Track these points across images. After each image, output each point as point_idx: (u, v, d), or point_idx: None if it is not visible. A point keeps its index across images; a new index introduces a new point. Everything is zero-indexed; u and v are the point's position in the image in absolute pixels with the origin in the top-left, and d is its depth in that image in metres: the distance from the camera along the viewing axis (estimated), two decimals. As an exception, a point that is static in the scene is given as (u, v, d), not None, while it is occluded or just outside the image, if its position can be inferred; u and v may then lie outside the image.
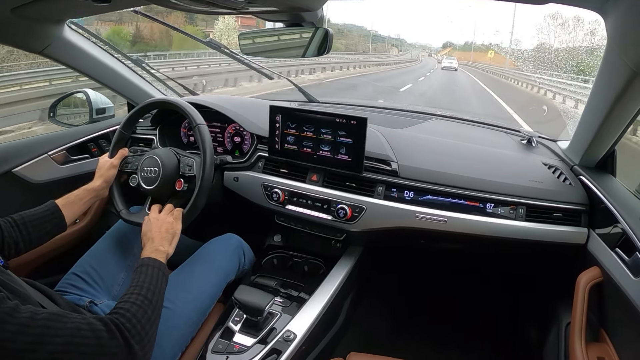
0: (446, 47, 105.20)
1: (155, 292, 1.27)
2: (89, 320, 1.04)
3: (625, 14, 1.11)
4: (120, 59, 2.23)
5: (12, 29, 1.67)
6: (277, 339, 1.49)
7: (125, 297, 1.22)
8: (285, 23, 1.52)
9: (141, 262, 1.38)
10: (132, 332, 1.10)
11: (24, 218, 1.43)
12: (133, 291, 1.24)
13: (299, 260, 2.01)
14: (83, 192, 1.64)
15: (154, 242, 1.48)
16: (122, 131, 1.85)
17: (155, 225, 1.56)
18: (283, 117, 1.90)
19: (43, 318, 0.96)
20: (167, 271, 1.41)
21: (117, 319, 1.10)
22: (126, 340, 1.07)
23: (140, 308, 1.18)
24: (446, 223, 1.74)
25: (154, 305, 1.23)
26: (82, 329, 1.01)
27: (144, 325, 1.15)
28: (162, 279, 1.35)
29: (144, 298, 1.22)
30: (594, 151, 1.72)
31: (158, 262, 1.39)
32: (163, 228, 1.55)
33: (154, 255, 1.42)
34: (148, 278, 1.30)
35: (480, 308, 2.54)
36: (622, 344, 1.35)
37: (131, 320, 1.12)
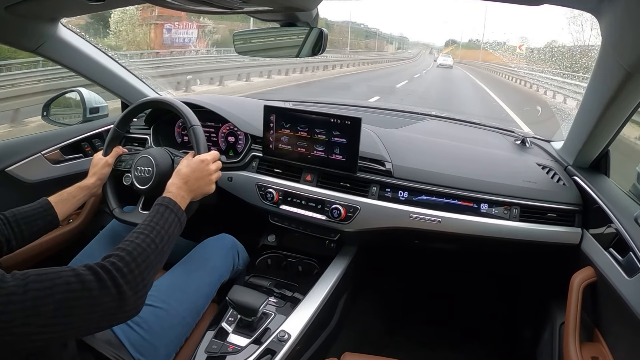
0: (449, 45, 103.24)
1: (164, 237, 1.23)
2: (77, 271, 1.00)
3: (619, 15, 1.12)
4: (114, 58, 2.23)
5: (6, 27, 1.66)
6: (272, 339, 1.49)
7: (133, 235, 1.18)
8: (280, 23, 1.51)
9: (162, 201, 1.34)
10: (128, 276, 1.06)
11: (15, 215, 1.40)
12: (143, 230, 1.20)
13: (293, 260, 2.01)
14: (76, 189, 1.62)
15: (184, 185, 1.46)
16: (117, 129, 1.84)
17: (197, 170, 1.52)
18: (277, 116, 1.90)
19: (31, 281, 0.92)
20: (185, 220, 1.38)
21: (110, 262, 1.06)
22: (118, 287, 1.03)
23: (144, 250, 1.14)
24: (440, 223, 1.74)
25: (159, 251, 1.19)
26: (71, 282, 0.97)
27: (142, 271, 1.11)
28: (176, 227, 1.31)
29: (152, 241, 1.18)
30: (587, 152, 1.73)
31: (178, 208, 1.35)
32: (203, 181, 1.53)
33: (177, 199, 1.38)
34: (162, 221, 1.27)
35: (475, 308, 2.55)
36: (616, 343, 1.35)
37: (129, 263, 1.08)
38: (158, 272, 1.21)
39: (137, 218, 1.64)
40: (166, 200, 1.34)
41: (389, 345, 2.31)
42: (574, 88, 10.76)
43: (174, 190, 1.41)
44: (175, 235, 1.30)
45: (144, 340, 1.36)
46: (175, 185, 1.43)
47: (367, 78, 22.89)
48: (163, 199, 1.35)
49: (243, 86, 14.28)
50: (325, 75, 21.21)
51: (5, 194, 1.89)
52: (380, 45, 75.83)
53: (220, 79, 14.27)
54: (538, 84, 16.28)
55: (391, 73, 28.54)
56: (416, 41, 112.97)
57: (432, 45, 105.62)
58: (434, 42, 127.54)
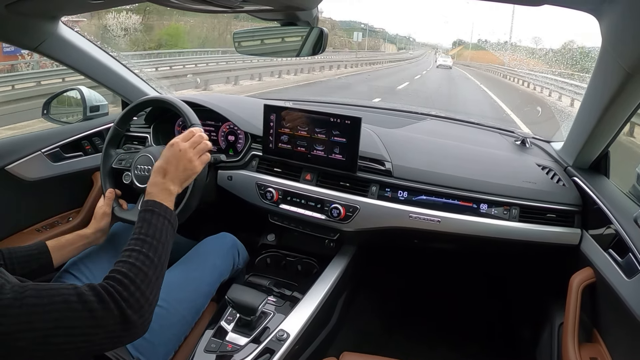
0: (456, 45, 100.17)
1: (158, 248, 1.17)
2: (79, 290, 0.98)
3: (619, 16, 1.12)
4: (115, 56, 2.22)
5: (7, 25, 1.66)
6: (270, 338, 1.49)
7: (125, 254, 1.13)
8: (280, 22, 1.51)
9: (145, 206, 1.26)
10: (130, 300, 1.02)
11: (11, 253, 1.37)
12: (134, 247, 1.14)
13: (293, 259, 2.01)
14: (75, 237, 1.56)
15: (165, 177, 1.34)
16: (117, 127, 1.84)
17: (174, 156, 1.39)
18: (277, 116, 1.90)
19: (29, 296, 0.91)
20: (175, 220, 1.30)
21: (111, 286, 1.02)
22: (121, 310, 1.00)
23: (140, 271, 1.09)
24: (440, 223, 1.74)
25: (156, 265, 1.14)
26: (71, 301, 0.95)
27: (144, 291, 1.06)
28: (168, 230, 1.24)
29: (145, 257, 1.12)
30: (587, 152, 1.73)
31: (164, 208, 1.26)
32: (181, 164, 1.39)
33: (161, 198, 1.28)
34: (152, 230, 1.20)
35: (474, 308, 2.55)
36: (614, 344, 1.35)
37: (128, 287, 1.04)
38: (161, 282, 1.18)
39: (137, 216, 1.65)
40: (150, 204, 1.27)
41: (388, 345, 2.31)
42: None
43: (154, 190, 1.31)
44: (169, 240, 1.24)
45: (143, 338, 1.35)
46: (154, 185, 1.33)
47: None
48: (146, 204, 1.27)
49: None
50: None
51: (5, 192, 1.89)
52: (376, 44, 71.91)
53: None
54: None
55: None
56: (423, 42, 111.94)
57: (438, 46, 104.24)
58: (441, 43, 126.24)
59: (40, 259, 1.44)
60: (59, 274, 1.56)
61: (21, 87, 10.68)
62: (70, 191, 2.15)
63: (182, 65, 16.40)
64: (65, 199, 2.14)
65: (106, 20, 17.61)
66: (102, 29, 17.04)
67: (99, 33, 15.66)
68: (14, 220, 1.96)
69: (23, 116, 7.91)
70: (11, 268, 1.35)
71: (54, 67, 11.14)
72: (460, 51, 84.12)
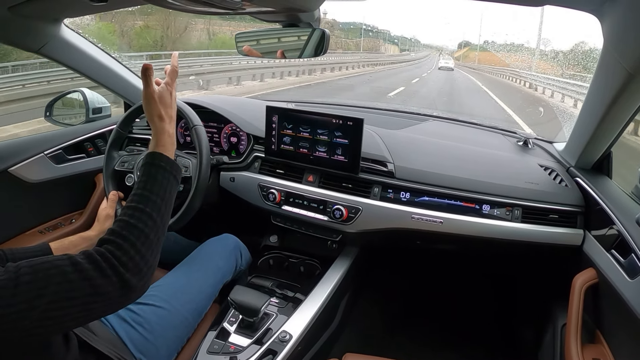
0: (462, 47, 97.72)
1: (162, 207, 1.13)
2: (74, 259, 0.94)
3: (621, 16, 1.12)
4: (117, 58, 2.23)
5: (9, 27, 1.66)
6: (273, 339, 1.49)
7: (128, 212, 1.08)
8: (282, 24, 1.51)
9: (151, 159, 1.20)
10: (129, 264, 0.98)
11: (14, 254, 1.33)
12: (137, 205, 1.10)
13: (295, 260, 2.01)
14: (78, 239, 1.54)
15: (170, 122, 1.31)
16: (119, 130, 1.84)
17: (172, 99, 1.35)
18: (279, 117, 1.90)
19: (24, 273, 0.87)
20: (180, 174, 1.25)
21: (109, 251, 0.98)
22: (120, 276, 0.96)
23: (141, 232, 1.05)
24: (442, 224, 1.74)
25: (158, 225, 1.10)
26: (67, 272, 0.91)
27: (144, 254, 1.02)
28: (173, 187, 1.20)
29: (148, 217, 1.08)
30: (590, 153, 1.73)
31: (170, 163, 1.21)
32: (168, 101, 1.34)
33: (166, 148, 1.24)
34: (156, 187, 1.15)
35: (477, 309, 2.55)
36: (617, 345, 1.35)
37: (128, 251, 1.00)
38: (162, 242, 1.12)
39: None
40: (156, 157, 1.20)
41: (390, 346, 2.31)
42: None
43: (162, 138, 1.26)
44: (172, 195, 1.20)
45: (146, 340, 1.36)
46: (161, 131, 1.27)
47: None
48: (153, 156, 1.21)
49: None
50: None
51: (8, 194, 1.90)
52: (375, 45, 69.34)
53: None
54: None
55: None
56: (428, 44, 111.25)
57: (444, 48, 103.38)
58: (447, 44, 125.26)
59: None
60: None
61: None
62: (73, 193, 2.15)
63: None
64: (68, 201, 2.15)
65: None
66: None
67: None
68: (17, 221, 1.96)
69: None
70: None
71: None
72: (466, 53, 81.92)
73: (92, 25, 19.73)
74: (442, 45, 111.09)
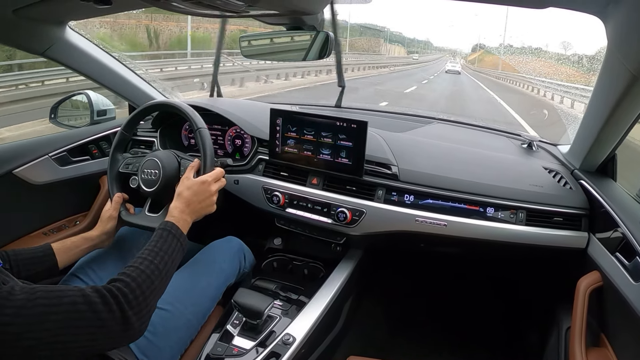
0: (476, 50, 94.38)
1: (168, 263, 1.26)
2: (84, 292, 1.03)
3: (625, 18, 1.12)
4: (122, 61, 2.24)
5: (14, 30, 1.67)
6: (276, 342, 1.49)
7: (138, 261, 1.20)
8: (286, 26, 1.52)
9: (164, 226, 1.36)
10: (133, 302, 1.09)
11: (16, 255, 1.39)
12: (147, 256, 1.22)
13: (299, 263, 2.01)
14: (80, 239, 1.59)
15: (187, 207, 1.46)
16: (124, 132, 1.84)
17: (199, 193, 1.51)
18: (283, 120, 1.90)
19: (40, 297, 0.96)
20: (187, 245, 1.39)
21: (117, 288, 1.08)
22: (123, 312, 1.06)
23: (148, 278, 1.16)
24: (446, 227, 1.73)
25: (162, 277, 1.22)
26: (77, 302, 1.00)
27: (147, 297, 1.13)
28: (178, 252, 1.33)
29: (155, 267, 1.20)
30: (594, 155, 1.72)
31: (180, 233, 1.37)
32: (204, 203, 1.52)
33: (180, 224, 1.39)
34: (166, 246, 1.28)
35: (481, 312, 2.54)
36: (622, 348, 1.34)
37: (134, 290, 1.10)
38: (162, 294, 1.24)
39: (144, 220, 1.65)
40: (169, 225, 1.36)
41: (394, 349, 2.31)
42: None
43: (176, 214, 1.42)
44: (177, 260, 1.33)
45: (149, 341, 1.36)
46: (177, 209, 1.44)
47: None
48: (166, 224, 1.36)
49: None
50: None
51: (12, 196, 1.90)
52: (372, 44, 62.58)
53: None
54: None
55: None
56: (440, 46, 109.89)
57: (457, 50, 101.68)
58: (460, 47, 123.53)
59: (45, 261, 1.46)
60: (66, 277, 1.57)
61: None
62: (77, 195, 2.16)
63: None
64: (73, 203, 2.15)
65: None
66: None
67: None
68: (21, 223, 1.97)
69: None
70: (16, 270, 1.37)
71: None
72: (480, 56, 77.13)
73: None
74: (455, 48, 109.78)
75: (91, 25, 12.82)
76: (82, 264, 1.62)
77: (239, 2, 1.11)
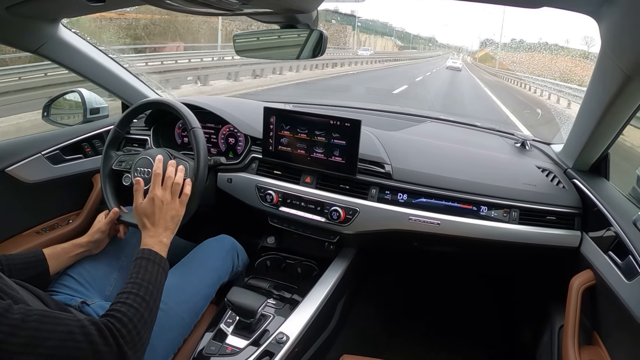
0: (484, 46, 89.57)
1: (153, 292, 1.24)
2: (82, 323, 1.03)
3: (619, 18, 1.12)
4: (115, 59, 2.23)
5: (7, 27, 1.66)
6: (270, 340, 1.49)
7: (123, 296, 1.18)
8: (280, 25, 1.51)
9: (141, 254, 1.33)
10: (127, 337, 1.08)
11: (8, 260, 1.39)
12: (131, 290, 1.20)
13: (292, 262, 2.01)
14: (71, 246, 1.58)
15: (157, 229, 1.43)
16: (117, 129, 1.83)
17: (160, 209, 1.46)
18: (277, 118, 1.90)
19: (35, 320, 0.95)
20: (168, 267, 1.37)
21: (111, 323, 1.07)
22: (119, 347, 1.06)
23: (137, 312, 1.15)
24: (439, 226, 1.74)
25: (150, 307, 1.21)
26: (74, 332, 0.99)
27: (140, 330, 1.13)
28: (162, 277, 1.32)
29: (142, 300, 1.19)
30: (587, 155, 1.73)
31: (159, 257, 1.35)
32: (169, 214, 1.47)
33: (156, 248, 1.37)
34: (147, 275, 1.27)
35: (474, 310, 2.55)
36: (614, 346, 1.35)
37: (127, 325, 1.10)
38: (154, 324, 1.24)
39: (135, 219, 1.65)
40: (146, 253, 1.34)
41: (388, 347, 2.31)
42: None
43: (149, 240, 1.40)
44: (161, 284, 1.32)
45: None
46: (147, 236, 1.42)
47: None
48: (142, 252, 1.35)
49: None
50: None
51: (5, 195, 1.89)
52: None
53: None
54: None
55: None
56: (445, 43, 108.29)
57: (464, 48, 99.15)
58: (466, 45, 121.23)
59: (37, 267, 1.46)
60: (60, 276, 1.56)
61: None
62: (70, 193, 2.15)
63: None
64: (65, 202, 2.14)
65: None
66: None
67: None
68: (14, 222, 1.96)
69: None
70: (8, 275, 1.35)
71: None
72: (487, 54, 64.90)
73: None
74: (461, 45, 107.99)
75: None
76: (76, 264, 1.61)
77: (232, 0, 1.11)
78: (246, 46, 1.64)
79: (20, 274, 1.38)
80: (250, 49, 1.65)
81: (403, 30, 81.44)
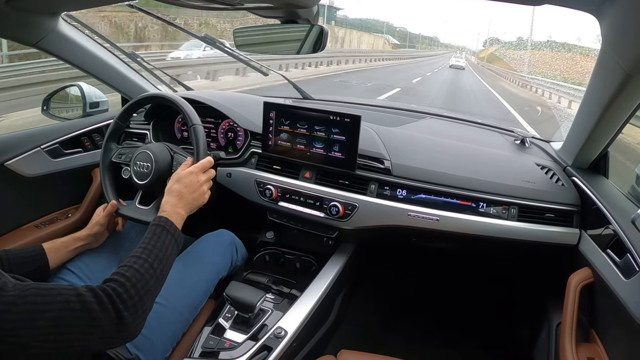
0: (487, 45, 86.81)
1: (162, 261, 1.23)
2: (78, 291, 1.02)
3: (620, 16, 1.12)
4: (115, 53, 2.22)
5: (7, 21, 1.65)
6: (268, 335, 1.49)
7: (131, 260, 1.18)
8: (280, 20, 1.51)
9: (158, 221, 1.32)
10: (128, 302, 1.07)
11: (8, 254, 1.39)
12: (140, 254, 1.20)
13: (291, 257, 2.01)
14: (70, 239, 1.58)
15: (179, 201, 1.42)
16: (118, 122, 1.83)
17: (189, 184, 1.48)
18: (277, 113, 1.90)
19: (31, 294, 0.95)
20: (182, 242, 1.37)
21: (112, 288, 1.06)
22: (118, 312, 1.04)
23: (142, 277, 1.14)
24: (438, 222, 1.74)
25: (157, 275, 1.19)
26: (71, 301, 0.99)
27: (142, 296, 1.11)
28: (174, 248, 1.31)
29: (150, 266, 1.18)
30: (587, 153, 1.73)
31: (174, 228, 1.33)
32: (195, 194, 1.48)
33: (173, 218, 1.35)
34: (160, 243, 1.26)
35: (472, 307, 2.55)
36: (612, 344, 1.35)
37: (128, 290, 1.08)
38: (157, 294, 1.22)
39: (135, 212, 1.64)
40: (162, 221, 1.33)
41: (386, 343, 2.31)
42: None
43: (168, 209, 1.39)
44: (172, 256, 1.30)
45: (141, 335, 1.35)
46: (169, 204, 1.41)
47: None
48: (159, 219, 1.33)
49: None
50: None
51: (4, 189, 1.89)
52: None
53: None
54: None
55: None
56: (447, 43, 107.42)
57: (466, 47, 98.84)
58: (469, 44, 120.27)
59: (37, 261, 1.45)
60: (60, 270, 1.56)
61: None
62: (70, 187, 2.15)
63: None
64: (65, 196, 2.14)
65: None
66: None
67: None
68: (13, 216, 1.96)
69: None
70: (8, 269, 1.35)
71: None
72: (496, 50, 64.92)
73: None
74: (464, 44, 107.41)
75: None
76: (75, 257, 1.61)
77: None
78: (246, 41, 1.64)
79: (20, 268, 1.38)
80: (251, 44, 1.65)
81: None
